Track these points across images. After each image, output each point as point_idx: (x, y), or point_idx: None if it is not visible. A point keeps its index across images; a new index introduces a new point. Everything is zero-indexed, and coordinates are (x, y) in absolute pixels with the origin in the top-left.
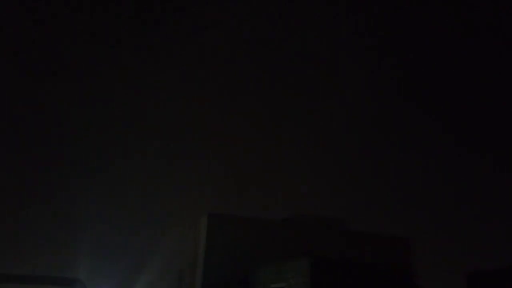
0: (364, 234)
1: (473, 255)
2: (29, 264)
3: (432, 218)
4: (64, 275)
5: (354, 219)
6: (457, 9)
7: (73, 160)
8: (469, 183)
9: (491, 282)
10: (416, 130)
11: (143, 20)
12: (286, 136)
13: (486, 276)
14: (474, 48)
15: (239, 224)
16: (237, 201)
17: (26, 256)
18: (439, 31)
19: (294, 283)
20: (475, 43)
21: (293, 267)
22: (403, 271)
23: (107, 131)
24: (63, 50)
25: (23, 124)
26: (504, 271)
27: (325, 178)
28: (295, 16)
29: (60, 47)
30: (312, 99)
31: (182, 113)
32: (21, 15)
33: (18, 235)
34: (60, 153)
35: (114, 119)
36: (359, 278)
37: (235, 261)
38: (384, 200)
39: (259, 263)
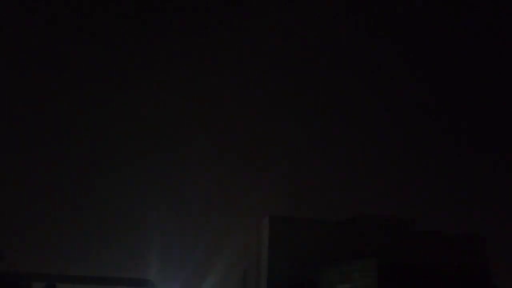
0: (433, 234)
1: None
2: (98, 265)
3: (509, 213)
4: (133, 276)
5: (422, 218)
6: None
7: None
8: None
9: None
10: (483, 123)
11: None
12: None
13: None
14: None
15: (302, 226)
16: (299, 202)
17: (95, 257)
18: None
19: (360, 284)
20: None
21: (359, 268)
22: (478, 273)
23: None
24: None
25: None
26: None
27: (388, 177)
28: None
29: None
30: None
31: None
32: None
33: (88, 235)
34: (128, 155)
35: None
36: (429, 281)
37: (299, 262)
38: (453, 197)
39: (324, 264)
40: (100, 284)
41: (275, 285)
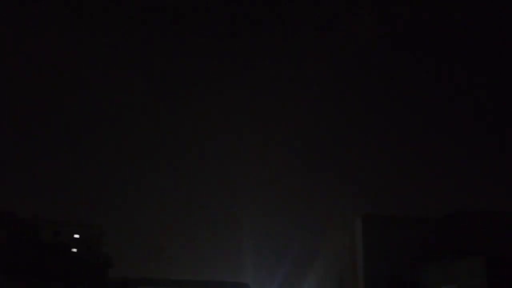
0: None
1: None
2: (200, 270)
3: None
4: (232, 280)
5: None
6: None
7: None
8: None
9: None
10: None
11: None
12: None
13: None
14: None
15: (397, 223)
16: (392, 200)
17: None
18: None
19: (467, 284)
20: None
21: (465, 267)
22: None
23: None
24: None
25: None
26: None
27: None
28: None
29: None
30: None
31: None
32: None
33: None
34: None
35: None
36: None
37: (397, 261)
38: None
39: (424, 263)
40: None
41: (373, 285)
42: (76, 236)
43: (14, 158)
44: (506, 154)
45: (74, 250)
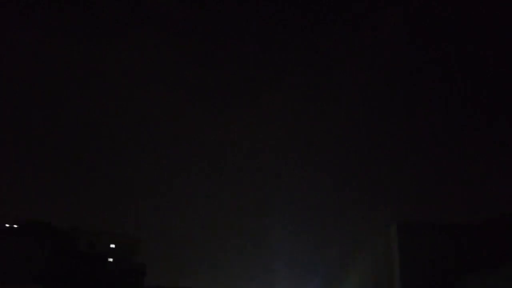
0: None
1: None
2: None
3: None
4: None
5: None
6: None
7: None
8: None
9: None
10: None
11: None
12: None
13: None
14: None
15: (433, 230)
16: (429, 206)
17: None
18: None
19: None
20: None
21: (507, 275)
22: None
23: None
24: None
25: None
26: None
27: None
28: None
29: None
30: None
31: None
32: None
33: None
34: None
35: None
36: None
37: (434, 269)
38: None
39: (462, 272)
40: None
41: None
42: (112, 246)
43: (47, 168)
44: None
45: (110, 260)
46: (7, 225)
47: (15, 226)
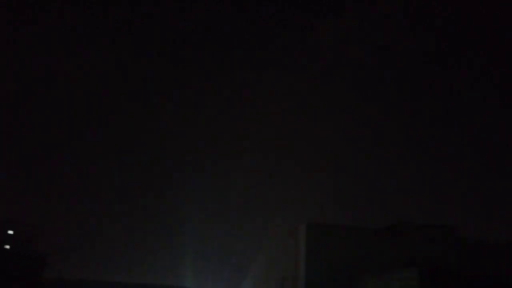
0: (479, 242)
1: None
2: (138, 273)
3: None
4: (172, 284)
5: (465, 226)
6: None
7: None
8: None
9: None
10: None
11: None
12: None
13: None
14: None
15: (339, 233)
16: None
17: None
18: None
19: None
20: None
21: (400, 277)
22: None
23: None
24: None
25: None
26: None
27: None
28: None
29: None
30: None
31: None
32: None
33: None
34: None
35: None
36: None
37: (337, 270)
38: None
39: (362, 273)
40: None
41: None
42: (10, 232)
43: None
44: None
45: (7, 246)
46: None
47: None
